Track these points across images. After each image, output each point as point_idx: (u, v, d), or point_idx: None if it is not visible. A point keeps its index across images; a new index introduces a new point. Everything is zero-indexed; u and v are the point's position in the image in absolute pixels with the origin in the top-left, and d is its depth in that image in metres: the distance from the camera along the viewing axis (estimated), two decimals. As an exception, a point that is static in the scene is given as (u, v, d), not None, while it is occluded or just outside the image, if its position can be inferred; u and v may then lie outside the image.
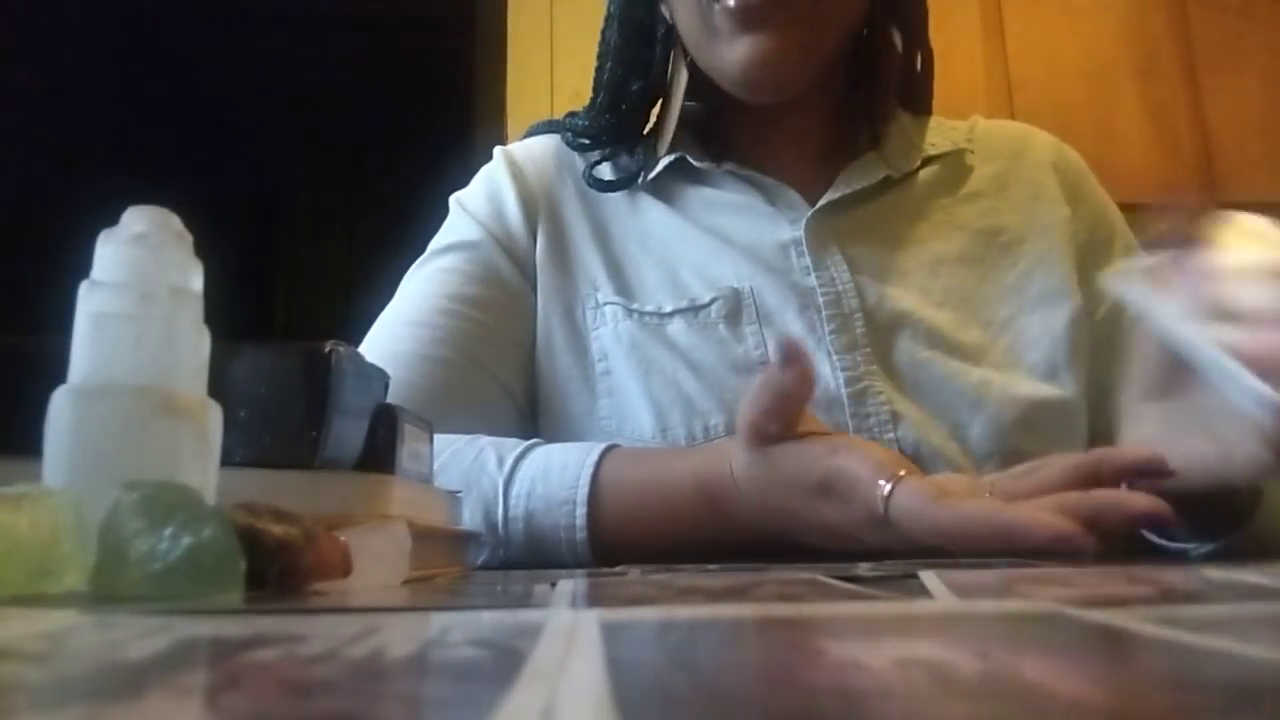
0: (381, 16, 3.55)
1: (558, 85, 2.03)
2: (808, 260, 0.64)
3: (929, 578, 0.29)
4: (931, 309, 0.62)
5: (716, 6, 0.60)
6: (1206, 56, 2.19)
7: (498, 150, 0.73)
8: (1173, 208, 0.43)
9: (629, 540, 0.50)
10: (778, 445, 0.45)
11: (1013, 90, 2.12)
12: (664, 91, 0.69)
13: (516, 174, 0.70)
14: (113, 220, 0.30)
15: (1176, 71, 2.18)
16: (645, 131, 0.71)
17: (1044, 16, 2.18)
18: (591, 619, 0.19)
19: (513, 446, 0.54)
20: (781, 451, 0.45)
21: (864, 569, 0.35)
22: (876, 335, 0.61)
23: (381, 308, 0.68)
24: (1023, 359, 0.62)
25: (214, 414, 0.30)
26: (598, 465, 0.51)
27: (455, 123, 3.28)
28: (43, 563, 0.25)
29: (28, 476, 0.27)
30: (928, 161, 0.70)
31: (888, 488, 0.40)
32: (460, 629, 0.19)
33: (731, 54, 0.62)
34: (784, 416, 0.45)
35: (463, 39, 3.03)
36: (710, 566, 0.40)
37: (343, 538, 0.29)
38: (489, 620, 0.21)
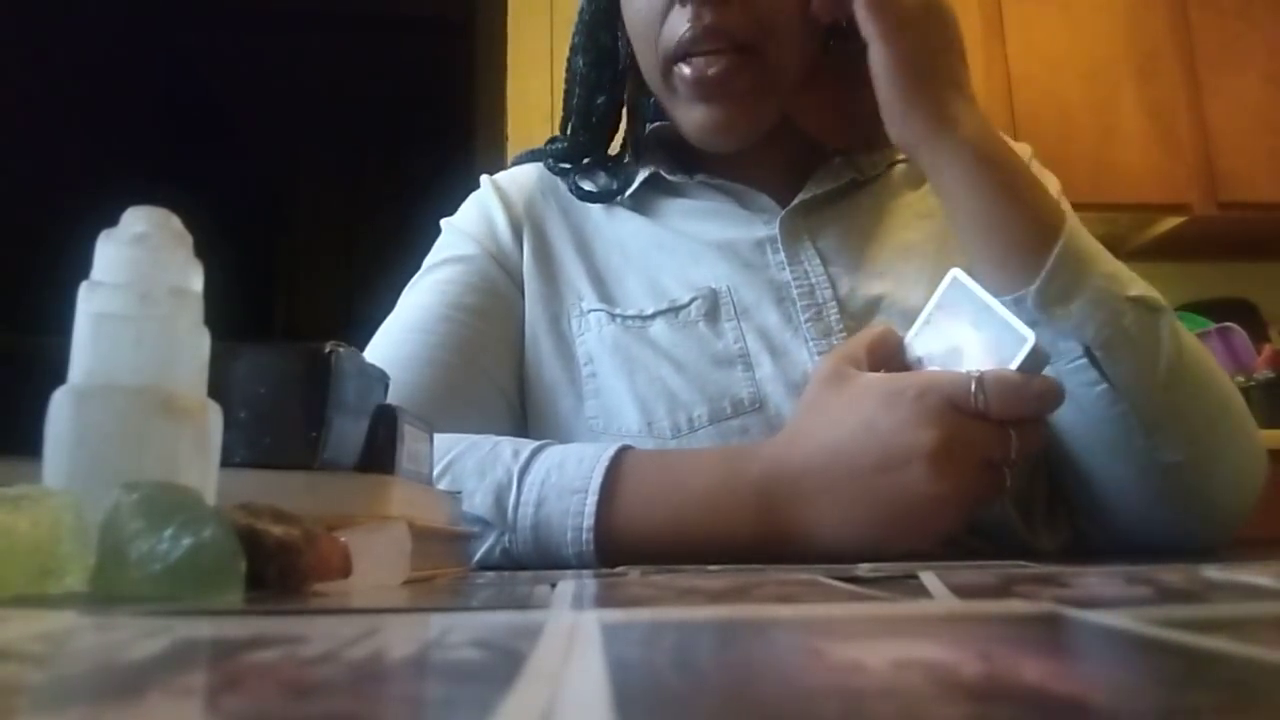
0: (382, 18, 3.55)
1: (557, 85, 2.03)
2: (782, 256, 0.66)
3: (929, 578, 0.29)
4: (905, 290, 0.64)
5: (676, 71, 0.63)
6: (1206, 56, 2.19)
7: (484, 178, 0.76)
8: None
9: (638, 531, 0.50)
10: (850, 377, 0.50)
11: (1013, 90, 2.12)
12: (628, 104, 0.72)
13: (503, 196, 0.73)
14: (113, 220, 0.30)
15: (1176, 71, 2.17)
16: (616, 148, 0.74)
17: (1044, 16, 2.18)
18: (592, 620, 0.19)
19: (529, 442, 0.55)
20: (850, 377, 0.50)
21: (864, 569, 0.35)
22: (852, 322, 0.63)
23: (381, 309, 0.70)
24: None
25: (214, 414, 0.30)
26: (614, 458, 0.51)
27: (455, 124, 3.29)
28: (43, 563, 0.25)
29: (28, 476, 0.27)
30: (894, 164, 0.73)
31: (978, 373, 0.47)
32: (460, 630, 0.19)
33: (688, 116, 0.65)
34: (888, 345, 0.52)
35: (463, 40, 3.03)
36: (710, 567, 0.40)
37: (343, 538, 0.29)
38: (489, 621, 0.21)
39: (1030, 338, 0.47)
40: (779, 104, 0.66)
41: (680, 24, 0.61)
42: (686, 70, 0.62)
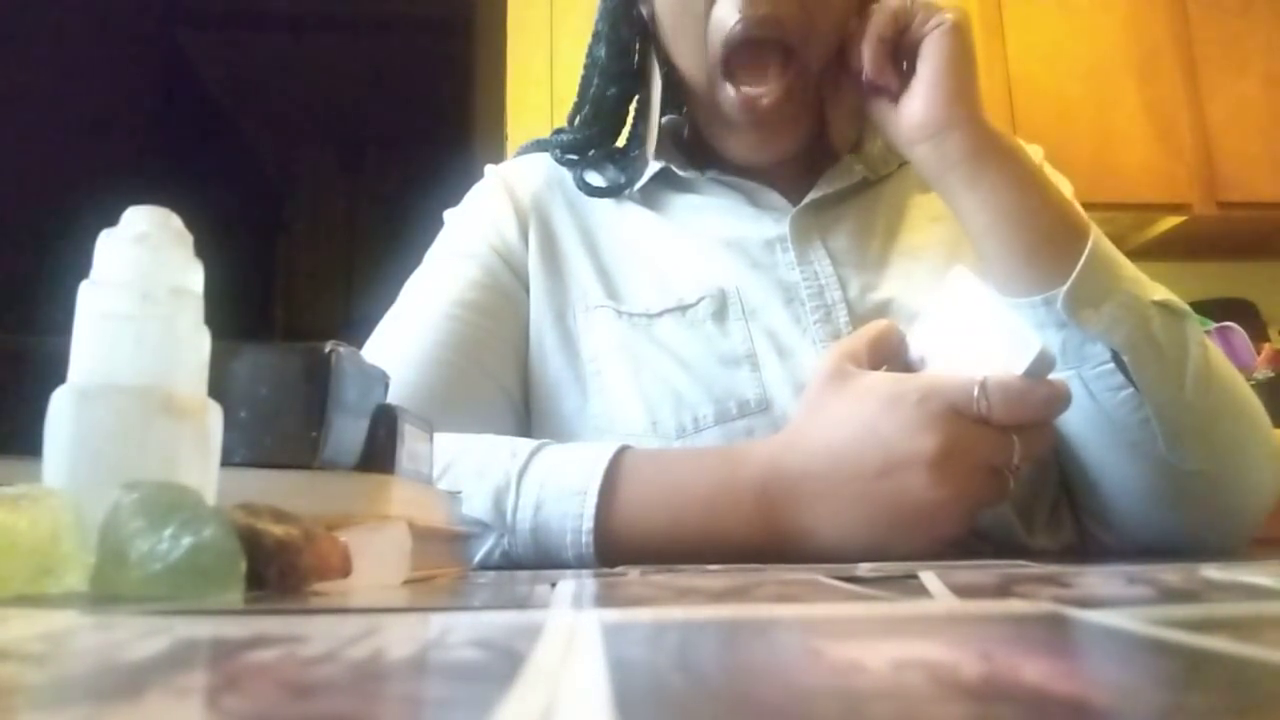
0: (382, 18, 3.55)
1: (557, 85, 2.03)
2: (792, 255, 0.66)
3: (929, 578, 0.29)
4: (913, 294, 0.64)
5: (722, 93, 0.62)
6: (1206, 56, 2.19)
7: (489, 168, 0.75)
8: None
9: (638, 532, 0.50)
10: (852, 376, 0.50)
11: (1013, 90, 2.12)
12: (639, 93, 0.71)
13: (508, 189, 0.72)
14: (113, 220, 0.30)
15: (1176, 71, 2.17)
16: (625, 141, 0.73)
17: (1044, 16, 2.18)
18: (592, 619, 0.19)
19: (528, 442, 0.55)
20: (852, 376, 0.50)
21: (864, 569, 0.35)
22: (860, 324, 0.62)
23: (381, 308, 0.69)
24: None
25: (214, 414, 0.30)
26: (613, 460, 0.51)
27: (455, 123, 3.29)
28: (43, 563, 0.25)
29: (28, 476, 0.27)
30: (903, 165, 0.72)
31: (981, 378, 0.46)
32: (460, 630, 0.19)
33: (736, 139, 0.66)
34: (890, 341, 0.52)
35: (462, 40, 3.03)
36: (710, 567, 0.40)
37: (343, 538, 0.29)
38: (489, 621, 0.21)
39: (1037, 342, 0.46)
40: (813, 122, 0.66)
41: (730, 14, 0.59)
42: (733, 93, 0.61)
